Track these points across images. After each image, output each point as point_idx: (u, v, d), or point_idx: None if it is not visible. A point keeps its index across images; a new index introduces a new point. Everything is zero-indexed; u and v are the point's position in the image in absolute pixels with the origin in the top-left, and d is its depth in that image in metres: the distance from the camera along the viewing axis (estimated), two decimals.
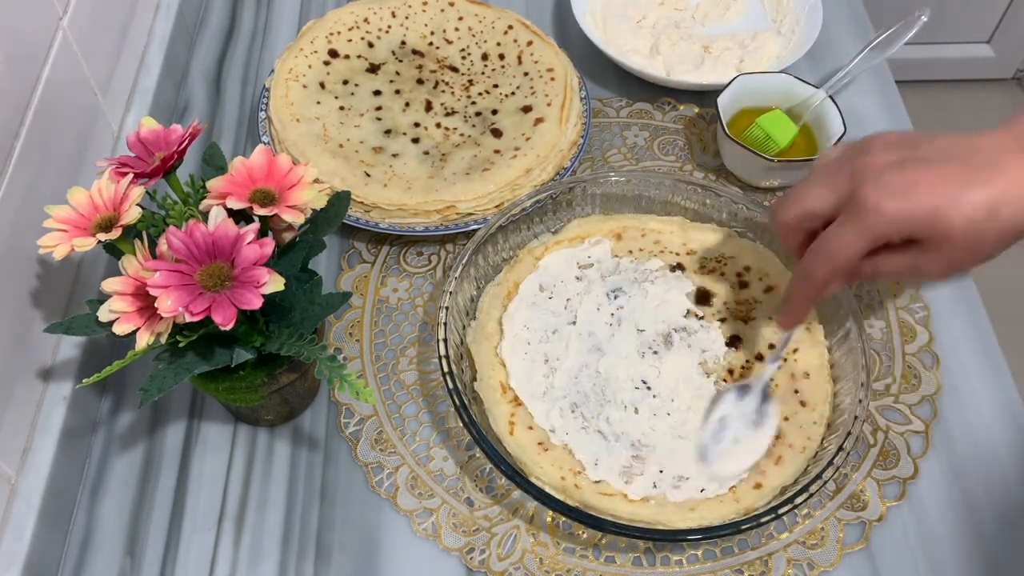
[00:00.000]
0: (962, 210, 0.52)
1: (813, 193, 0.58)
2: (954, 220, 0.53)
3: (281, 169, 0.58)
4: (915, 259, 0.56)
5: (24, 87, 0.64)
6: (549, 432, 0.65)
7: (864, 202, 0.54)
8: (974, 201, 0.52)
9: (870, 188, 0.54)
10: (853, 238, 0.55)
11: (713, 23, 0.95)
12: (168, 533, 0.65)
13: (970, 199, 0.52)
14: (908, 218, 0.53)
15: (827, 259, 0.57)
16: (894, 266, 0.57)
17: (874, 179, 0.54)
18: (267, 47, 0.94)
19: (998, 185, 0.52)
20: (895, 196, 0.53)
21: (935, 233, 0.54)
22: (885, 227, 0.54)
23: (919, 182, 0.53)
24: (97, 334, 0.57)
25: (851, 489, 0.66)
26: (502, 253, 0.74)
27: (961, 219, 0.53)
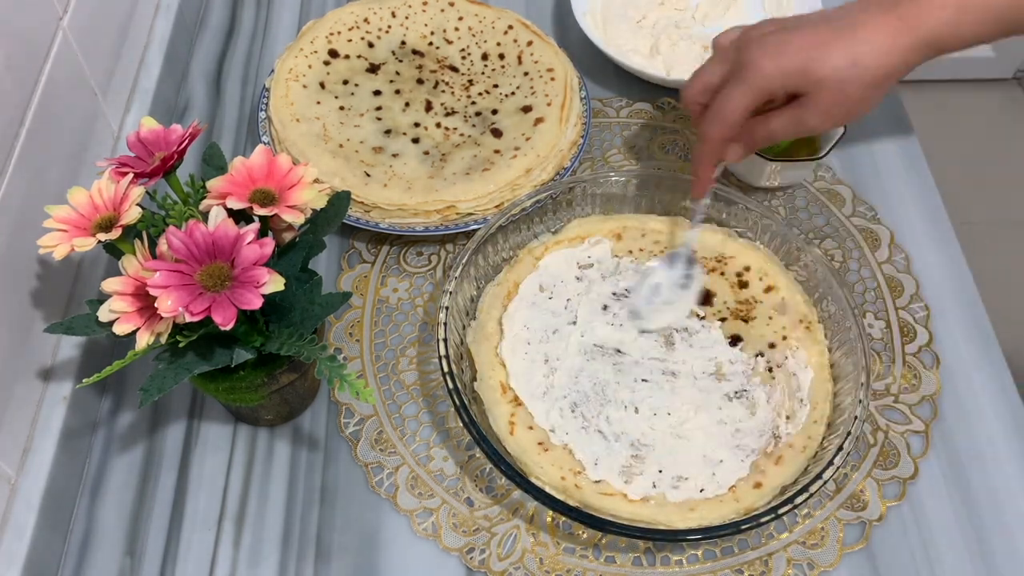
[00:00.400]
0: (828, 61, 0.61)
1: (708, 68, 0.67)
2: (822, 69, 0.61)
3: (281, 169, 0.58)
4: (797, 113, 0.64)
5: (24, 87, 0.64)
6: (549, 432, 0.65)
7: (746, 62, 0.63)
8: (837, 52, 0.61)
9: (751, 50, 0.64)
10: (738, 93, 0.64)
11: (713, 23, 0.95)
12: (168, 533, 0.65)
13: (834, 51, 0.61)
14: (783, 71, 0.62)
15: (718, 116, 0.65)
16: (781, 123, 0.65)
17: (755, 44, 0.64)
18: (267, 47, 0.94)
19: (856, 38, 0.61)
20: (771, 54, 0.62)
21: (808, 83, 0.62)
22: (764, 81, 0.63)
23: (792, 41, 0.62)
24: (97, 334, 0.57)
25: (851, 489, 0.67)
26: (502, 253, 0.74)
27: (828, 68, 0.61)
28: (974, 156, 1.97)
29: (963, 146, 1.99)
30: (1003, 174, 1.96)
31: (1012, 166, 1.97)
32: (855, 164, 0.85)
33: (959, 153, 1.97)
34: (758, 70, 0.63)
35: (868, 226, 0.81)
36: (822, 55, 0.62)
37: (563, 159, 0.80)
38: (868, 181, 0.84)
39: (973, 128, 2.03)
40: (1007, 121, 2.05)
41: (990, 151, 1.99)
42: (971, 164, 1.95)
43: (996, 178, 1.95)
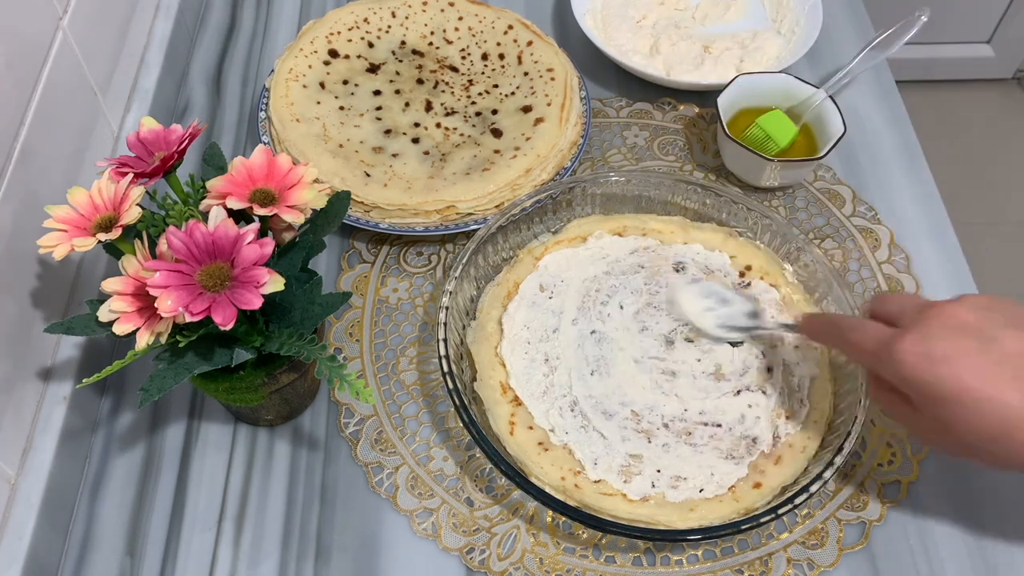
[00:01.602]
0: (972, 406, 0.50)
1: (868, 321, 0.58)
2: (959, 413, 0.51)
3: (281, 169, 0.58)
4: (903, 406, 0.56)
5: (24, 87, 0.64)
6: (549, 432, 0.65)
7: (899, 336, 0.53)
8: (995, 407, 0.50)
9: (917, 329, 0.53)
10: (866, 342, 0.56)
11: (713, 23, 0.95)
12: (168, 533, 0.65)
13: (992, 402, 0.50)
14: (915, 377, 0.52)
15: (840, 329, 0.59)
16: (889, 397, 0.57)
17: (930, 321, 0.53)
18: (267, 47, 0.94)
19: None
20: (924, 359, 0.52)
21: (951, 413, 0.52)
22: (889, 365, 0.54)
23: (959, 359, 0.51)
24: (97, 334, 0.57)
25: (851, 489, 0.66)
26: (502, 253, 0.74)
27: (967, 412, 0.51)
28: (974, 156, 1.97)
29: (963, 146, 1.99)
30: (1003, 174, 1.96)
31: (1012, 166, 1.97)
32: (855, 164, 0.85)
33: (959, 153, 1.97)
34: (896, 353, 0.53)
35: (868, 226, 0.81)
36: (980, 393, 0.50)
37: (563, 159, 0.80)
38: (868, 181, 0.84)
39: (973, 128, 2.03)
40: (1007, 121, 2.05)
41: (990, 151, 1.99)
42: (971, 164, 1.95)
43: (996, 178, 1.95)
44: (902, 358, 0.53)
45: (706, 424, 0.66)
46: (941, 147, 1.95)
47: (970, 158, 1.96)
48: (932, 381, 0.52)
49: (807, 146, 0.83)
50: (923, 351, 0.52)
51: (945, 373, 0.51)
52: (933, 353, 0.52)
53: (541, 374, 0.68)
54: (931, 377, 0.52)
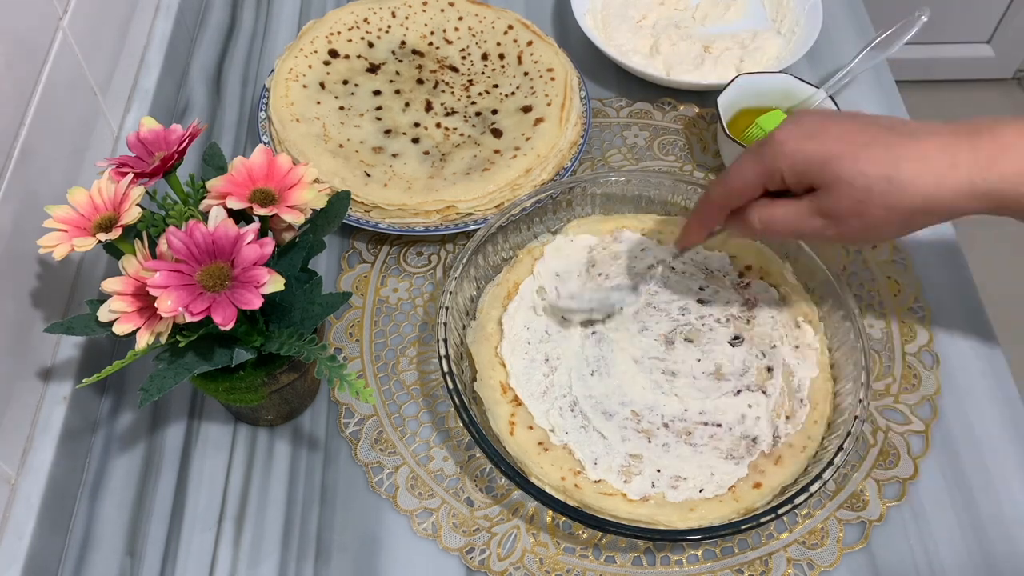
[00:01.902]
0: (857, 162, 0.51)
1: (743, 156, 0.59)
2: (847, 169, 0.52)
3: (281, 169, 0.58)
4: (802, 209, 0.56)
5: (24, 87, 0.64)
6: (549, 432, 0.65)
7: (771, 138, 0.56)
8: (873, 156, 0.51)
9: (784, 125, 0.56)
10: (749, 164, 0.57)
11: (713, 23, 0.95)
12: (168, 533, 0.65)
13: (870, 153, 0.51)
14: (802, 156, 0.54)
15: (722, 179, 0.59)
16: (783, 212, 0.57)
17: (790, 123, 0.56)
18: (267, 47, 0.94)
19: (905, 149, 0.51)
20: (801, 133, 0.54)
21: (825, 179, 0.53)
22: (779, 159, 0.55)
23: (829, 129, 0.54)
24: (97, 334, 0.57)
25: (851, 489, 0.66)
26: (502, 253, 0.74)
27: (854, 170, 0.51)
28: None
29: None
30: None
31: None
32: None
33: None
34: (777, 146, 0.55)
35: None
36: (854, 153, 0.52)
37: (563, 159, 0.80)
38: None
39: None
40: None
41: None
42: None
43: None
44: (780, 138, 0.55)
45: (706, 424, 0.66)
46: None
47: None
48: (811, 148, 0.54)
49: None
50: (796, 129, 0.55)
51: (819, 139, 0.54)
52: (804, 128, 0.55)
53: (541, 374, 0.68)
54: (809, 146, 0.54)
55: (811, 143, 0.54)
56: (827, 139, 0.53)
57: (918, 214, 0.52)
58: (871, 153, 0.52)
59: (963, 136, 0.52)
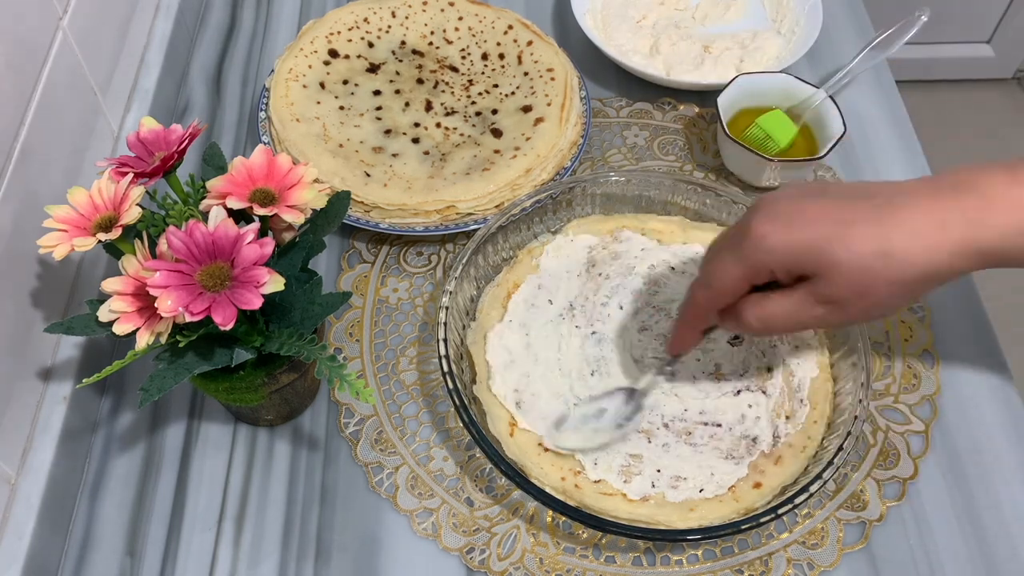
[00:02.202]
0: (851, 244, 0.49)
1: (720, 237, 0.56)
2: (840, 254, 0.49)
3: (281, 169, 0.58)
4: (802, 300, 0.52)
5: (24, 87, 0.64)
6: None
7: (749, 230, 0.52)
8: (864, 235, 0.49)
9: (758, 217, 0.52)
10: (731, 264, 0.53)
11: (713, 23, 0.95)
12: (168, 533, 0.65)
13: (859, 233, 0.49)
14: (791, 246, 0.50)
15: (706, 283, 0.55)
16: (781, 308, 0.53)
17: (765, 208, 0.52)
18: (267, 47, 0.94)
19: (894, 222, 0.49)
20: (779, 223, 0.51)
21: (821, 267, 0.50)
22: (764, 255, 0.51)
23: (807, 212, 0.50)
24: (97, 334, 0.57)
25: (851, 489, 0.66)
26: (502, 253, 0.74)
27: (849, 254, 0.49)
28: (974, 156, 1.97)
29: (963, 146, 1.99)
30: None
31: None
32: (855, 164, 0.85)
33: (959, 153, 1.97)
34: (760, 239, 0.51)
35: None
36: (843, 234, 0.49)
37: (563, 159, 0.80)
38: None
39: (973, 128, 2.03)
40: (1007, 121, 2.05)
41: (990, 151, 1.99)
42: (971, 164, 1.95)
43: None
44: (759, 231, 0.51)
45: (706, 424, 0.66)
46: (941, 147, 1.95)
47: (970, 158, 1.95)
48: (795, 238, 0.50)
49: (807, 146, 0.83)
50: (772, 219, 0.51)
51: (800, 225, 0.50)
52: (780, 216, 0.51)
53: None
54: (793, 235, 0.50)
55: (794, 232, 0.50)
56: (808, 224, 0.50)
57: (919, 283, 0.50)
58: (859, 231, 0.49)
59: (947, 196, 0.50)
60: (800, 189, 0.53)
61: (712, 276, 0.55)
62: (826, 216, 0.50)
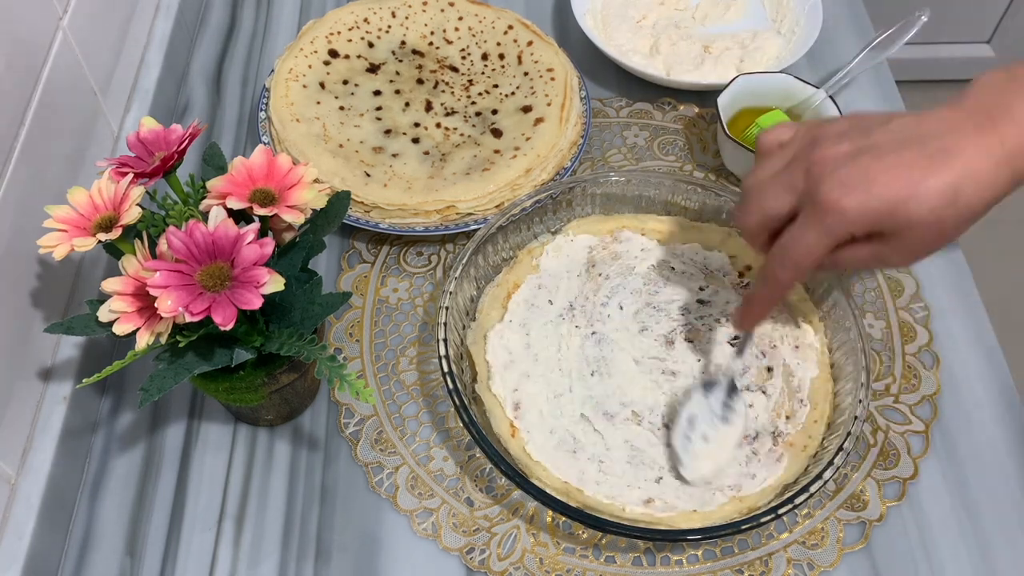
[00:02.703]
0: (923, 200, 0.51)
1: (770, 194, 0.57)
2: (916, 211, 0.51)
3: (281, 169, 0.58)
4: (879, 250, 0.55)
5: (24, 87, 0.64)
6: (550, 433, 0.65)
7: (824, 202, 0.53)
8: (934, 189, 0.51)
9: (828, 186, 0.53)
10: (816, 240, 0.54)
11: (713, 23, 0.95)
12: (168, 533, 0.65)
13: (930, 188, 0.51)
14: (870, 213, 0.52)
15: (791, 262, 0.56)
16: (858, 257, 0.56)
17: (830, 175, 0.53)
18: (267, 47, 0.94)
19: (956, 170, 0.51)
20: (854, 192, 0.52)
21: (898, 225, 0.52)
22: (848, 226, 0.53)
23: (877, 175, 0.52)
24: (97, 334, 0.57)
25: (851, 489, 0.66)
26: (502, 253, 0.74)
27: (923, 209, 0.51)
28: None
29: None
30: None
31: None
32: None
33: None
34: (841, 214, 0.52)
35: None
36: (916, 193, 0.51)
37: (563, 159, 0.80)
38: None
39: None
40: None
41: None
42: None
43: None
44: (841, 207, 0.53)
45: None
46: None
47: None
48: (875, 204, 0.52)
49: None
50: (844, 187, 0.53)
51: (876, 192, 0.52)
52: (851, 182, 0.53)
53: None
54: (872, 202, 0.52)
55: (871, 199, 0.52)
56: (881, 188, 0.52)
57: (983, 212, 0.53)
58: (930, 187, 0.51)
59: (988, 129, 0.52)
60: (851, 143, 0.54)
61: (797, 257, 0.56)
62: (895, 176, 0.52)
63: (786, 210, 0.56)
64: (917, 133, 0.53)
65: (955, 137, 0.52)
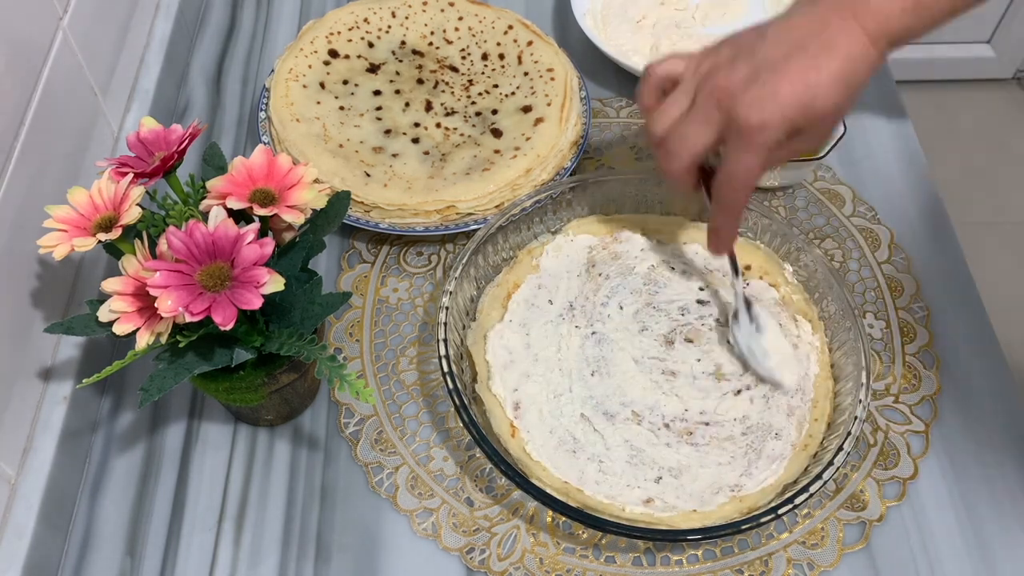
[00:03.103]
0: (824, 94, 0.58)
1: (691, 133, 0.61)
2: (822, 104, 0.58)
3: (281, 169, 0.58)
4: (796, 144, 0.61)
5: (24, 87, 0.64)
6: (549, 433, 0.65)
7: (745, 124, 0.58)
8: (829, 82, 0.58)
9: (744, 110, 0.58)
10: (753, 159, 0.60)
11: (713, 23, 0.95)
12: (168, 533, 0.65)
13: (826, 82, 0.58)
14: (787, 120, 0.58)
15: (741, 185, 0.61)
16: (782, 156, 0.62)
17: (741, 99, 0.59)
18: (267, 47, 0.94)
19: (840, 60, 0.58)
20: (768, 107, 0.58)
21: (810, 120, 0.59)
22: (773, 136, 0.59)
23: (780, 86, 0.58)
24: (97, 334, 0.57)
25: (851, 489, 0.66)
26: (502, 253, 0.74)
27: (828, 103, 0.58)
28: (974, 156, 1.97)
29: (963, 146, 1.99)
30: (1003, 174, 1.96)
31: (1012, 166, 1.97)
32: (855, 164, 0.85)
33: (959, 153, 1.97)
34: (762, 129, 0.58)
35: (868, 226, 0.81)
36: (817, 91, 0.58)
37: (563, 159, 0.80)
38: (868, 181, 0.84)
39: (973, 128, 2.03)
40: (1007, 121, 2.05)
41: (990, 151, 1.99)
42: (971, 164, 1.95)
43: (996, 178, 1.95)
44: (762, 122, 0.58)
45: (707, 424, 0.66)
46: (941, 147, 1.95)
47: (970, 158, 1.96)
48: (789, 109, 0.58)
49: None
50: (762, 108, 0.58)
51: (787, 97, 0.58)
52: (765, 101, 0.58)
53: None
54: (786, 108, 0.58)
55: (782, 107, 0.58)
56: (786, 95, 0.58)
57: (867, 81, 0.60)
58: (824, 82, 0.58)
59: (849, 19, 0.59)
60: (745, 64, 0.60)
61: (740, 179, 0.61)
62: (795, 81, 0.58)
63: (712, 142, 0.61)
64: (796, 39, 0.59)
65: (828, 34, 0.59)
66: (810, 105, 0.58)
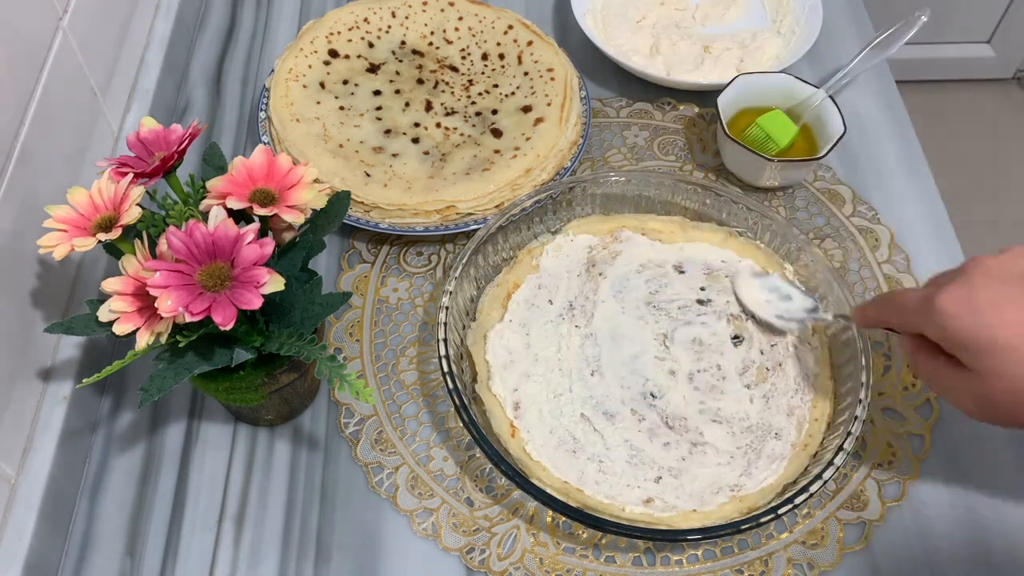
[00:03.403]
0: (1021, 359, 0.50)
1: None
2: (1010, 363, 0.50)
3: (281, 169, 0.58)
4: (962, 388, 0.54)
5: (24, 87, 0.64)
6: (549, 433, 0.65)
7: (935, 307, 0.53)
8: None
9: (955, 285, 0.53)
10: (912, 301, 0.55)
11: (713, 23, 0.95)
12: (168, 533, 0.65)
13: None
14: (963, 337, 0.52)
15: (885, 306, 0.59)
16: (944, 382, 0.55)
17: (967, 278, 0.53)
18: (267, 47, 0.94)
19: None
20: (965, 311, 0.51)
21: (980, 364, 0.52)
22: (935, 329, 0.53)
23: (1000, 310, 0.51)
24: (97, 334, 0.57)
25: (851, 489, 0.66)
26: (502, 253, 0.74)
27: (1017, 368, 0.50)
28: (974, 156, 1.97)
29: (963, 146, 1.99)
30: (1003, 174, 1.96)
31: (1012, 166, 1.97)
32: (855, 164, 0.85)
33: (959, 153, 1.97)
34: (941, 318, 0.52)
35: (868, 226, 0.81)
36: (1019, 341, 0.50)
37: (563, 159, 0.80)
38: (868, 181, 0.84)
39: (973, 128, 2.03)
40: (1007, 121, 2.05)
41: (990, 151, 1.99)
42: (971, 164, 1.95)
43: (996, 178, 1.95)
44: (943, 306, 0.52)
45: (707, 423, 0.66)
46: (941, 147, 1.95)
47: (970, 158, 1.96)
48: (973, 328, 0.51)
49: (807, 146, 0.83)
50: (966, 299, 0.52)
51: (987, 321, 0.51)
52: (976, 301, 0.51)
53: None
54: (972, 324, 0.51)
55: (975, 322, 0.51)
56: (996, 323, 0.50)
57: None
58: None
59: None
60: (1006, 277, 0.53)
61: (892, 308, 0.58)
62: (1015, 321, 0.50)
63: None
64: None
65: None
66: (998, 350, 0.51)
